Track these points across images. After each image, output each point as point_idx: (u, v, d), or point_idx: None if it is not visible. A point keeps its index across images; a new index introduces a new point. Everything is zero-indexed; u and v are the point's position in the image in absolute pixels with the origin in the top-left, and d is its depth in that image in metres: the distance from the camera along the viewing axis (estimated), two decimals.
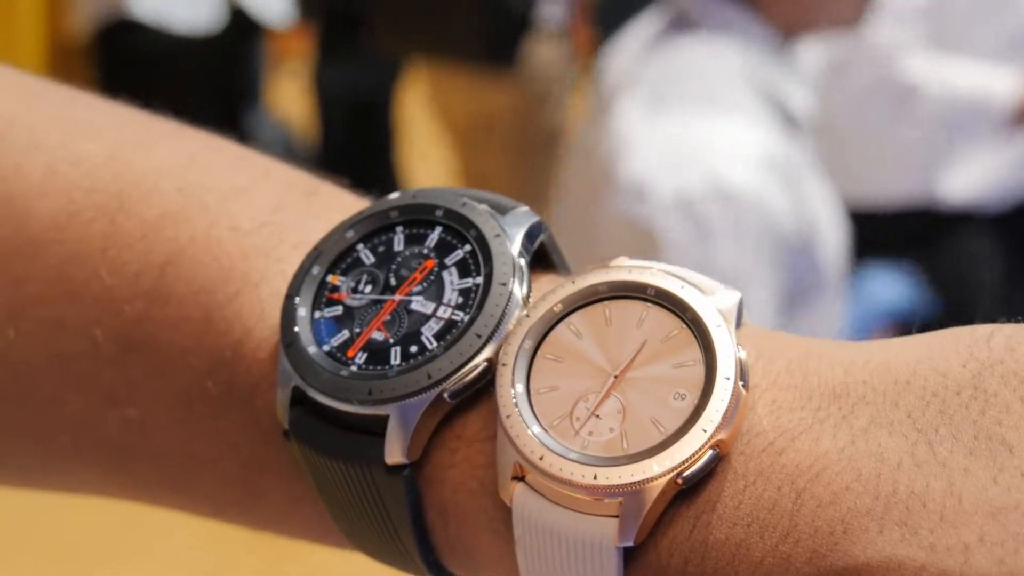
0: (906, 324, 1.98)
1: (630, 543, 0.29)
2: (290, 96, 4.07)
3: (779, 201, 1.30)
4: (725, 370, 0.30)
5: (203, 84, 3.17)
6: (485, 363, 0.31)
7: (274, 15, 3.22)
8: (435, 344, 0.32)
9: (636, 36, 1.51)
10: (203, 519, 0.38)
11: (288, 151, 3.39)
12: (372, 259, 0.34)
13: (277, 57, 4.04)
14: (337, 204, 0.37)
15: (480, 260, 0.33)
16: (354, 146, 3.13)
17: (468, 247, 0.33)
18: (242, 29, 3.19)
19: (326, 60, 3.18)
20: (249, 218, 0.36)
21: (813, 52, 1.46)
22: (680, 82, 1.38)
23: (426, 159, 3.36)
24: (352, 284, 0.34)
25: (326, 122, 3.24)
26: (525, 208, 0.35)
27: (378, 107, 3.19)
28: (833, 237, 1.40)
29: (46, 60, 3.15)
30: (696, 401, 0.30)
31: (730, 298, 0.31)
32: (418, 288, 0.33)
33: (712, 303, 0.31)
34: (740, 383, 0.30)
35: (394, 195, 0.36)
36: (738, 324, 0.32)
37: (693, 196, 1.27)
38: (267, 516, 0.36)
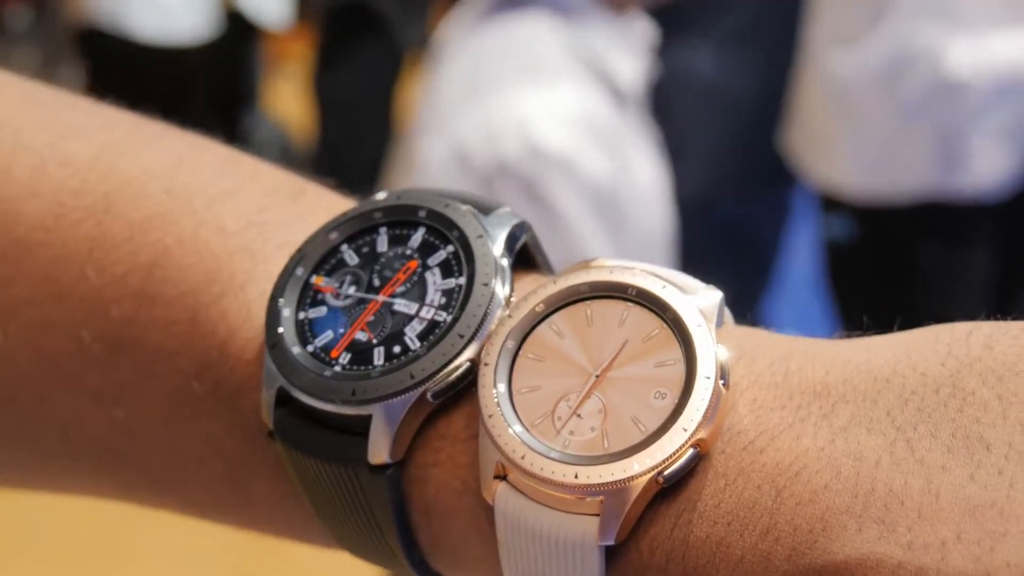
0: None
1: (611, 542, 0.29)
2: (287, 98, 4.08)
3: (596, 161, 1.32)
4: (705, 369, 0.30)
5: (201, 86, 3.18)
6: (468, 363, 0.32)
7: (272, 17, 3.23)
8: (418, 344, 0.32)
9: (466, 14, 1.51)
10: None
11: (285, 153, 3.40)
12: (356, 260, 0.34)
13: (275, 59, 4.04)
14: (323, 205, 0.37)
15: (463, 261, 0.33)
16: (353, 148, 3.13)
17: (451, 248, 0.34)
18: (240, 31, 3.19)
19: (324, 62, 3.18)
20: (235, 219, 0.36)
21: (644, 23, 1.47)
22: (501, 58, 1.39)
23: None
24: (336, 285, 0.34)
25: (324, 124, 3.24)
26: (508, 209, 0.35)
27: (378, 109, 3.20)
28: (656, 212, 1.43)
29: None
30: (677, 400, 0.30)
31: (711, 298, 0.32)
32: (401, 289, 0.34)
33: (693, 302, 0.31)
34: (720, 382, 0.30)
35: (379, 196, 0.36)
36: (719, 323, 0.32)
37: (510, 160, 1.29)
38: (253, 516, 0.36)
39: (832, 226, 1.86)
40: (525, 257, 0.36)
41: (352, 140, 3.13)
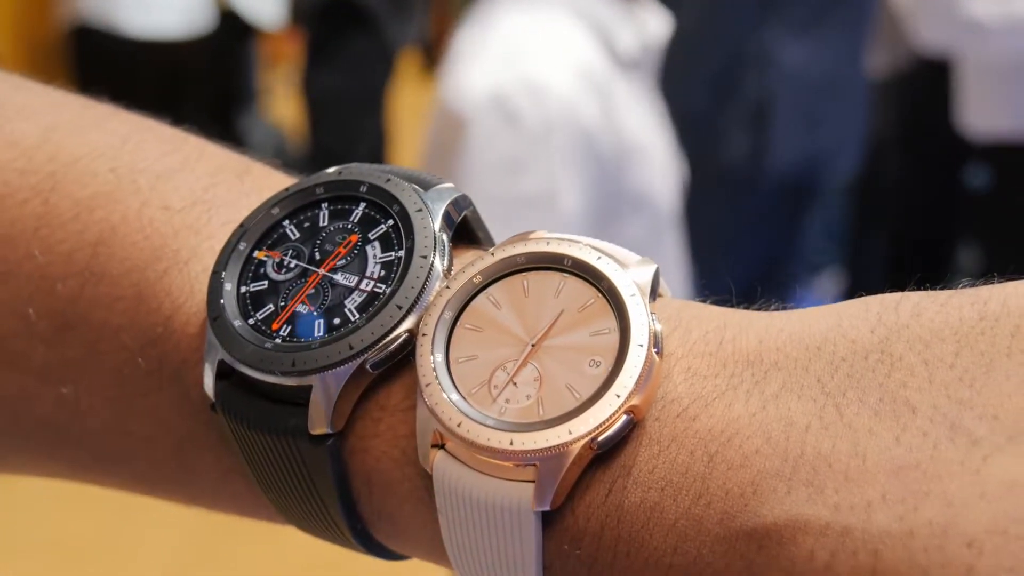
0: None
1: (547, 508, 0.30)
2: (283, 98, 4.07)
3: (590, 109, 1.35)
4: (639, 338, 0.30)
5: (194, 85, 3.17)
6: (406, 334, 0.32)
7: (267, 18, 3.22)
8: (357, 316, 0.33)
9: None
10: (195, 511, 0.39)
11: (281, 154, 3.39)
12: (298, 234, 0.35)
13: (270, 60, 4.04)
14: (268, 183, 0.37)
15: (402, 234, 0.34)
16: (346, 147, 3.13)
17: (391, 222, 0.34)
18: (234, 31, 3.18)
19: (314, 61, 3.17)
20: (181, 197, 0.36)
21: (653, 11, 1.51)
22: (511, 2, 1.44)
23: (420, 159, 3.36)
24: (277, 260, 0.34)
25: (315, 123, 3.23)
26: (449, 184, 0.35)
27: (369, 108, 3.19)
28: (658, 171, 1.46)
29: (23, 57, 3.14)
30: (610, 368, 0.30)
31: (646, 271, 0.32)
32: (342, 262, 0.34)
33: (628, 274, 0.32)
34: (654, 350, 0.30)
35: (322, 172, 0.36)
36: (655, 295, 0.32)
37: (506, 91, 1.32)
38: (199, 491, 0.37)
39: (975, 176, 2.08)
40: (468, 233, 0.36)
41: (345, 139, 3.12)
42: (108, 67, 3.02)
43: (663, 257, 1.51)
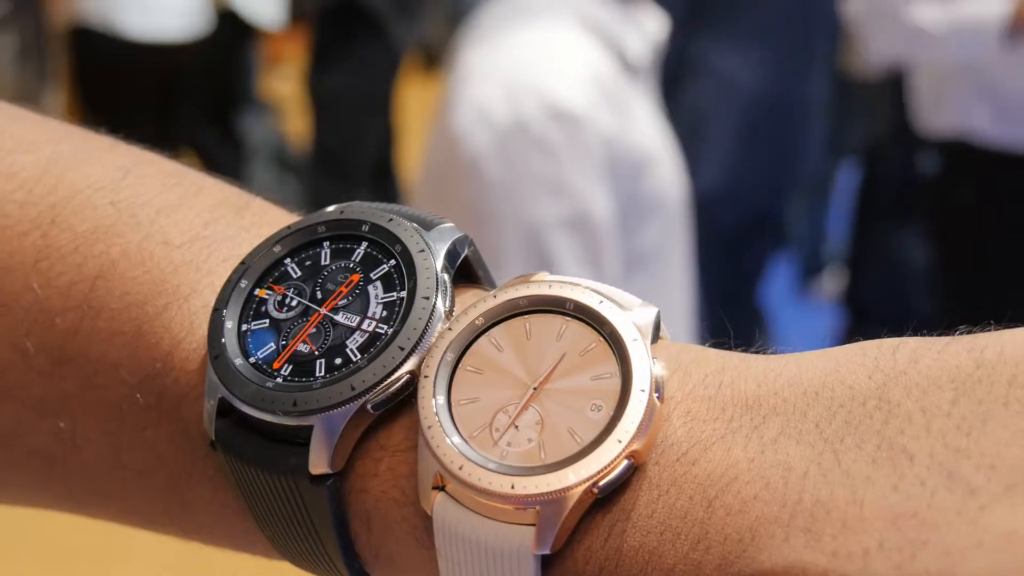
0: None
1: (547, 551, 0.30)
2: (284, 99, 4.06)
3: (607, 120, 1.35)
4: (640, 382, 0.30)
5: (193, 86, 3.16)
6: (408, 375, 0.32)
7: (267, 18, 3.21)
8: (359, 356, 0.33)
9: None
10: None
11: (280, 154, 3.38)
12: (299, 273, 0.35)
13: (270, 60, 4.02)
14: (268, 219, 0.37)
15: (404, 274, 0.34)
16: (350, 149, 3.11)
17: (393, 262, 0.34)
18: (234, 31, 3.17)
19: (319, 62, 3.16)
20: (180, 232, 0.36)
21: (654, 13, 1.52)
22: (514, 16, 1.43)
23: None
24: (279, 298, 0.35)
25: (320, 125, 3.22)
26: (450, 224, 0.35)
27: (375, 109, 3.18)
28: (668, 175, 1.47)
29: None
30: (612, 412, 0.30)
31: (647, 313, 0.32)
32: (343, 302, 0.34)
33: (629, 318, 0.32)
34: (655, 395, 0.30)
35: (324, 210, 0.36)
36: (655, 338, 0.32)
37: (527, 117, 1.31)
38: (195, 526, 0.37)
39: (924, 162, 2.20)
40: (467, 272, 0.36)
41: (349, 141, 3.11)
42: (107, 69, 3.01)
43: (675, 260, 1.51)
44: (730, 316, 2.15)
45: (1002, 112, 2.05)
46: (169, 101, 3.04)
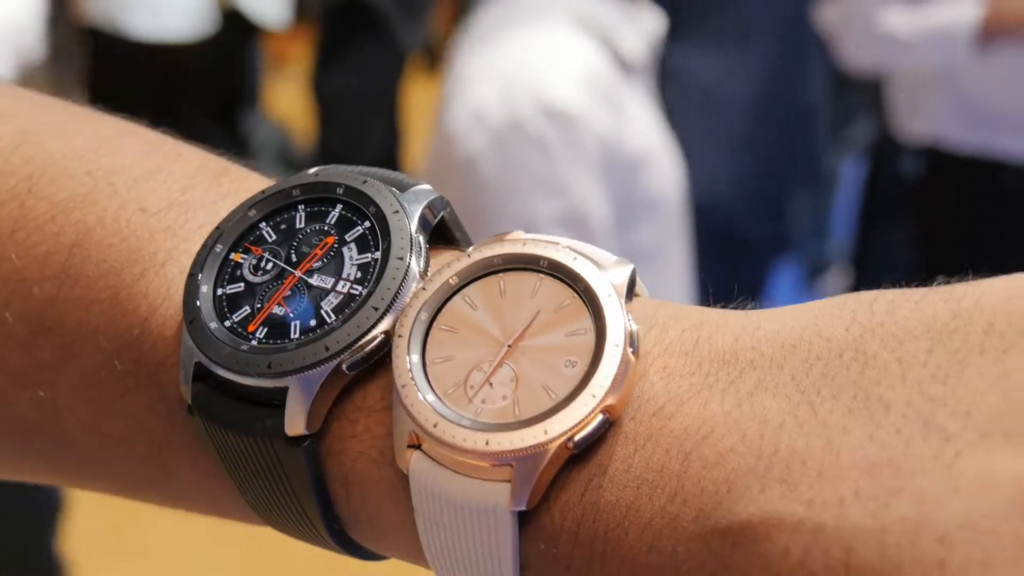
0: None
1: (523, 508, 0.30)
2: (287, 99, 4.06)
3: (603, 119, 1.36)
4: (615, 337, 0.30)
5: (198, 86, 3.17)
6: (382, 335, 0.32)
7: (271, 18, 3.22)
8: (334, 318, 0.33)
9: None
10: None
11: (284, 153, 3.39)
12: (274, 236, 0.35)
13: (274, 60, 4.03)
14: (246, 185, 0.37)
15: (379, 236, 0.34)
16: (355, 149, 3.12)
17: (367, 223, 0.34)
18: (238, 31, 3.18)
19: (324, 62, 3.17)
20: (157, 199, 0.36)
21: (652, 12, 1.52)
22: (511, 16, 1.44)
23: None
24: (254, 261, 0.35)
25: (325, 125, 3.22)
26: (426, 185, 0.35)
27: (379, 109, 3.18)
28: (666, 174, 1.47)
29: None
30: (586, 368, 0.30)
31: (622, 270, 0.32)
32: (318, 264, 0.34)
33: (604, 275, 0.32)
34: (630, 350, 0.30)
35: (299, 174, 0.36)
36: (632, 295, 0.32)
37: (524, 117, 1.31)
38: (177, 492, 0.37)
39: (906, 165, 2.22)
40: (446, 234, 0.36)
41: (354, 141, 3.12)
42: (114, 69, 3.02)
43: (673, 259, 1.51)
44: None
45: (973, 119, 2.08)
46: (173, 101, 3.06)
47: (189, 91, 3.13)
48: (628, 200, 1.40)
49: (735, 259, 2.20)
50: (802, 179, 2.32)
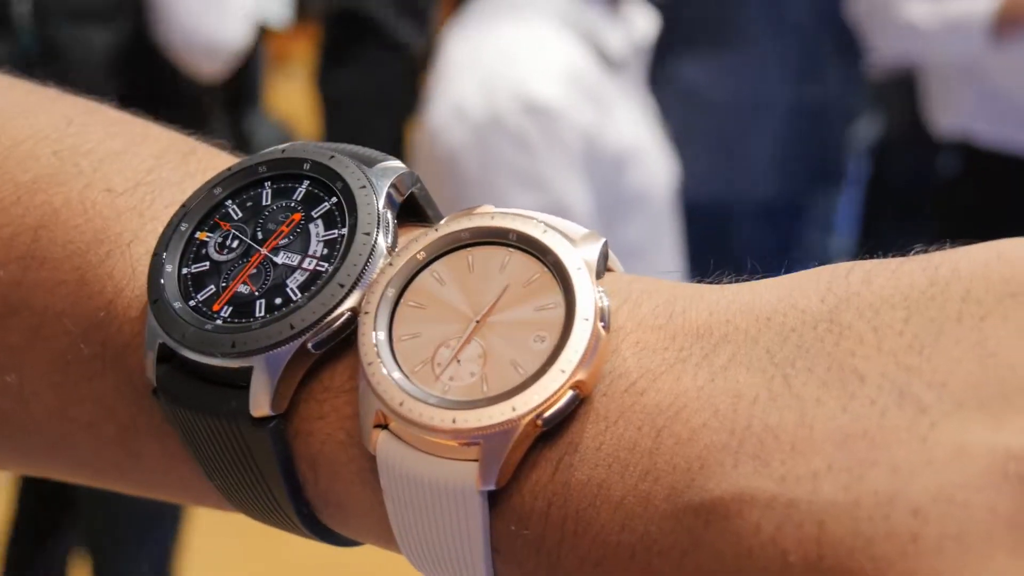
0: None
1: (492, 487, 0.29)
2: (289, 98, 4.07)
3: (585, 115, 1.36)
4: (584, 311, 0.30)
5: (201, 85, 3.17)
6: (349, 312, 0.31)
7: (274, 17, 3.22)
8: (299, 295, 0.32)
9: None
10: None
11: None
12: (240, 214, 0.34)
13: (276, 59, 4.03)
14: (214, 163, 0.37)
15: (345, 211, 0.33)
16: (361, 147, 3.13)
17: (334, 199, 0.33)
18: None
19: (329, 62, 3.17)
20: (124, 179, 0.35)
21: (641, 14, 1.52)
22: (496, 12, 1.44)
23: None
24: (220, 239, 0.34)
25: (330, 125, 3.23)
26: (395, 161, 0.35)
27: (384, 109, 3.19)
28: (654, 171, 1.47)
29: None
30: (555, 343, 0.30)
31: (593, 243, 0.31)
32: (284, 241, 0.33)
33: (575, 248, 0.31)
34: (600, 324, 0.29)
35: (266, 150, 0.35)
36: (604, 269, 0.32)
37: (503, 110, 1.32)
38: (145, 478, 0.36)
39: (944, 163, 2.22)
40: (417, 211, 0.35)
41: (359, 140, 3.13)
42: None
43: (662, 256, 1.51)
44: None
45: (999, 112, 2.07)
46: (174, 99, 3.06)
47: (191, 89, 3.13)
48: (614, 196, 1.40)
49: (746, 260, 2.19)
50: (821, 179, 2.30)
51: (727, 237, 2.18)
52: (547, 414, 0.29)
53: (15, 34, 1.75)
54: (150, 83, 1.96)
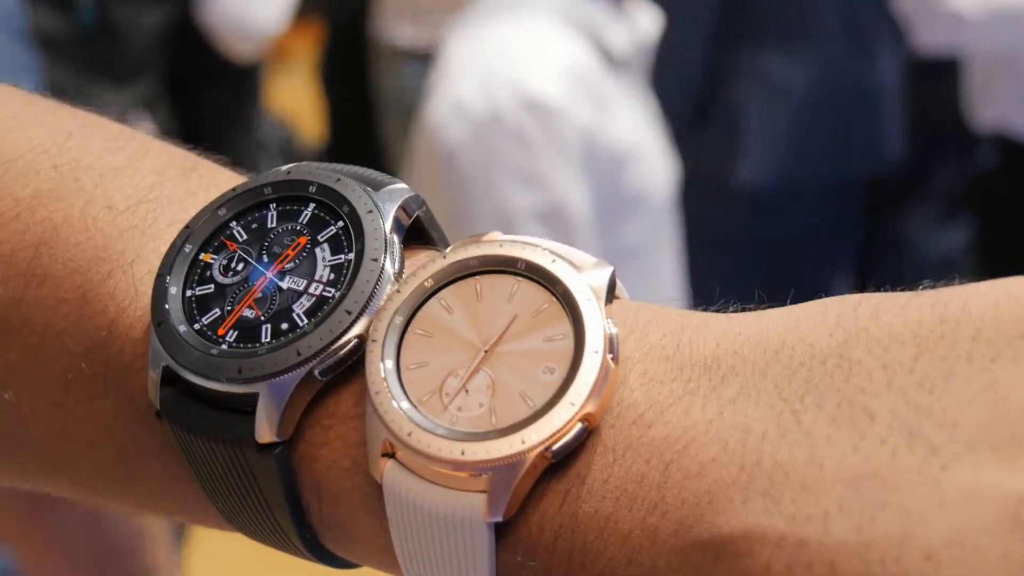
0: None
1: (499, 519, 0.29)
2: (289, 94, 4.04)
3: (585, 114, 1.36)
4: (594, 343, 0.30)
5: (241, 66, 3.15)
6: (356, 339, 0.31)
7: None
8: (306, 321, 0.32)
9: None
10: None
11: (287, 148, 3.38)
12: (245, 236, 0.34)
13: (276, 55, 3.99)
14: (216, 181, 0.36)
15: (352, 236, 0.33)
16: (366, 143, 3.11)
17: (341, 223, 0.33)
18: None
19: (332, 58, 3.15)
20: (125, 196, 0.35)
21: (645, 13, 1.53)
22: (498, 10, 1.44)
23: None
24: (224, 261, 0.34)
25: (334, 120, 3.21)
26: (401, 184, 0.34)
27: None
28: (654, 171, 1.47)
29: None
30: (565, 375, 0.30)
31: (602, 273, 0.31)
32: (290, 265, 0.33)
33: (583, 277, 0.31)
34: (609, 356, 0.29)
35: (271, 171, 0.35)
36: (612, 298, 0.32)
37: (503, 109, 1.32)
38: (145, 497, 0.36)
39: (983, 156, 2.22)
40: (421, 234, 0.35)
41: (363, 137, 3.11)
42: None
43: (661, 258, 1.51)
44: None
45: None
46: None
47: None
48: (614, 196, 1.40)
49: (801, 250, 2.21)
50: (871, 166, 2.31)
51: (794, 222, 2.20)
52: (556, 447, 0.29)
53: (77, 11, 1.82)
54: (195, 61, 2.04)
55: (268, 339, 0.32)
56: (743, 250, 2.16)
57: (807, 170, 2.16)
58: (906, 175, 2.32)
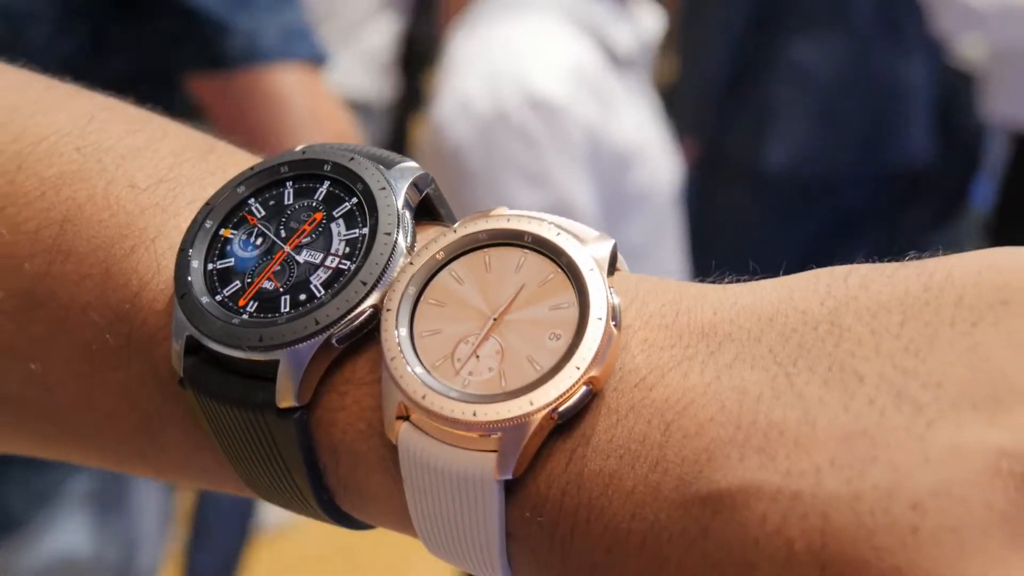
0: None
1: (509, 476, 0.30)
2: None
3: (590, 113, 1.37)
4: (597, 311, 0.31)
5: None
6: (371, 309, 0.33)
7: None
8: (323, 292, 0.33)
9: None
10: None
11: None
12: (263, 212, 0.35)
13: None
14: (232, 161, 0.38)
15: (366, 212, 0.34)
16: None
17: (355, 200, 0.35)
18: None
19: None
20: (146, 175, 0.37)
21: (649, 13, 1.55)
22: (503, 9, 1.45)
23: None
24: (244, 236, 0.35)
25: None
26: (412, 163, 0.36)
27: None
28: (658, 170, 1.48)
29: None
30: (570, 341, 0.31)
31: (604, 245, 0.33)
32: (307, 239, 0.35)
33: (587, 249, 0.33)
34: (612, 323, 0.31)
35: (286, 151, 0.37)
36: (613, 269, 0.33)
37: (508, 107, 1.33)
38: (167, 464, 0.37)
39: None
40: (430, 210, 0.37)
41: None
42: None
43: (665, 255, 1.52)
44: None
45: None
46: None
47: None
48: (618, 194, 1.40)
49: (828, 240, 2.22)
50: (901, 157, 2.32)
51: (821, 210, 2.21)
52: (562, 408, 0.30)
53: None
54: None
55: (287, 309, 0.33)
56: (766, 235, 2.18)
57: (834, 160, 2.17)
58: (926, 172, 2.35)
